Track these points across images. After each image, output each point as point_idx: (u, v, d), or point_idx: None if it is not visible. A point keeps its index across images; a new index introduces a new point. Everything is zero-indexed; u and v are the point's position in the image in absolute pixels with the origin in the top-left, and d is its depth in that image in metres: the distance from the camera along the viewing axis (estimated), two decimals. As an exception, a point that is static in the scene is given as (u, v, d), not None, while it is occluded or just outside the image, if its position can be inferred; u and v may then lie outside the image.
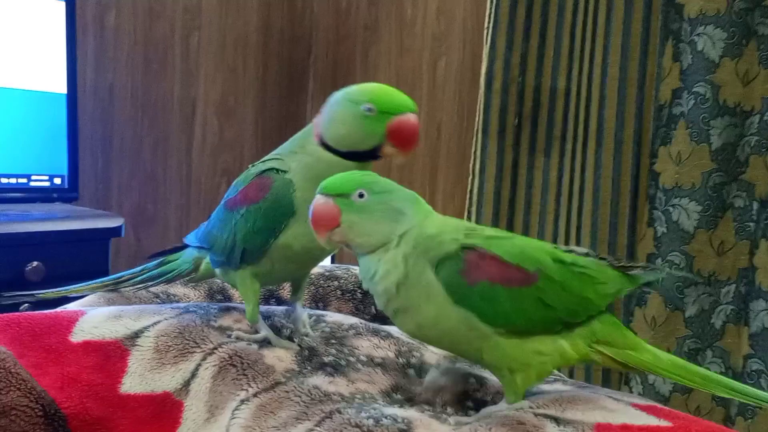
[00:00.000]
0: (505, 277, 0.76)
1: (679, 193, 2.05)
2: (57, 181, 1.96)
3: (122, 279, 1.05)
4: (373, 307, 1.19)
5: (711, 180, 2.03)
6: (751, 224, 1.99)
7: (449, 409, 0.81)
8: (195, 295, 1.07)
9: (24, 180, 1.90)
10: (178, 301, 1.04)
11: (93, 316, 0.87)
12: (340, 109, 0.87)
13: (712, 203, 2.03)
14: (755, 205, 1.99)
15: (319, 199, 0.80)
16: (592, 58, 2.21)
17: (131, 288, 1.04)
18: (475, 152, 2.36)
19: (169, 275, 1.03)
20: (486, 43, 2.32)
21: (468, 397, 0.83)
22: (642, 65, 2.16)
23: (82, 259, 1.76)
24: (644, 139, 2.18)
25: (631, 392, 2.11)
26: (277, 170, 0.90)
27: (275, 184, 0.89)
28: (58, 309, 0.93)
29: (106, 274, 1.37)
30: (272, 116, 2.69)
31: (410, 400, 0.82)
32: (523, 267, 0.77)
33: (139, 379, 0.81)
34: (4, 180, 1.86)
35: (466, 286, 0.75)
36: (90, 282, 1.06)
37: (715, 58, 2.00)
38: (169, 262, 1.04)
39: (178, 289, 1.07)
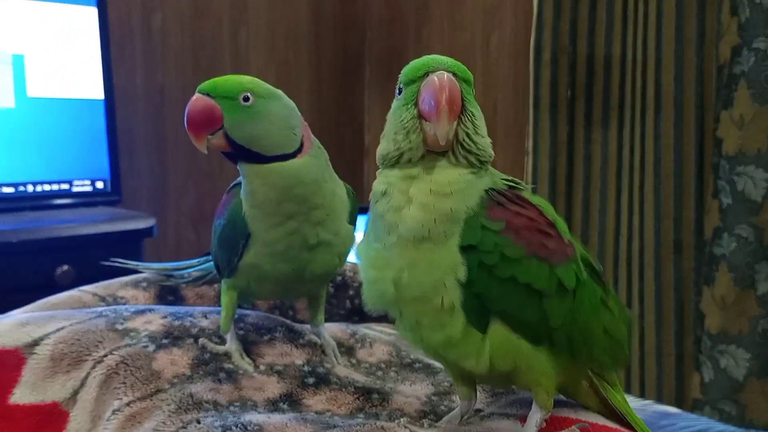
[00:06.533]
0: None
1: (743, 159, 1.86)
2: (99, 185, 2.01)
3: (179, 268, 1.08)
4: (347, 301, 1.14)
5: (778, 143, 1.83)
6: (827, 190, 1.79)
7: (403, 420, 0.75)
8: (144, 297, 1.04)
9: (66, 186, 1.95)
10: (124, 304, 1.03)
11: (2, 323, 0.87)
12: None
13: (781, 169, 1.83)
14: (830, 169, 1.78)
15: (448, 77, 0.63)
16: (646, 20, 2.05)
17: (180, 281, 1.06)
18: (529, 129, 2.24)
19: (207, 277, 1.02)
20: (534, 12, 2.19)
21: (361, 412, 0.77)
22: (700, 23, 1.98)
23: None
24: (707, 104, 2.00)
25: (702, 378, 1.94)
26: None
27: (233, 202, 0.85)
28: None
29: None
30: (329, 106, 2.66)
31: (298, 407, 0.76)
32: None
33: (30, 388, 0.80)
34: (47, 186, 1.92)
35: None
36: (153, 264, 1.11)
37: (776, 8, 1.80)
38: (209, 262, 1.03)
39: (127, 291, 1.05)
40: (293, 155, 0.81)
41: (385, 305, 0.69)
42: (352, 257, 1.20)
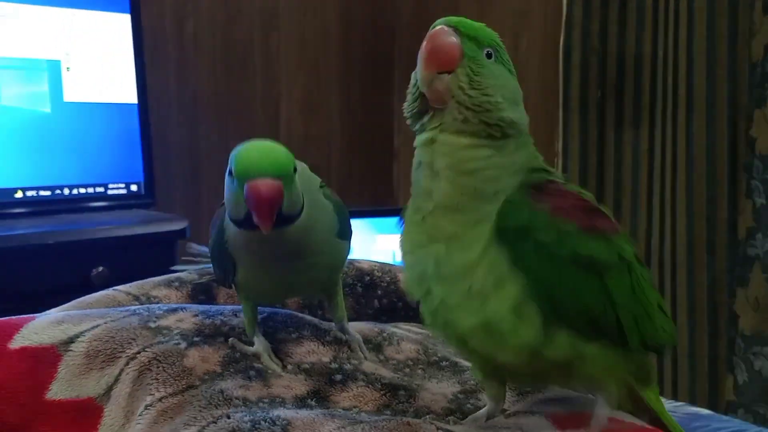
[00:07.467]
0: None
1: (777, 159, 1.84)
2: (134, 188, 2.04)
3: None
4: (376, 300, 1.15)
5: (813, 142, 1.81)
6: None
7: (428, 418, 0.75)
8: (176, 296, 1.06)
9: (101, 189, 1.99)
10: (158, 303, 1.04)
11: (39, 321, 0.89)
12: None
13: (816, 168, 1.82)
14: None
15: (441, 29, 0.64)
16: (677, 18, 2.03)
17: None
18: (559, 130, 2.24)
19: None
20: (563, 13, 2.19)
21: (388, 408, 0.78)
22: (732, 21, 1.96)
23: (148, 263, 1.81)
24: (739, 103, 1.98)
25: (736, 380, 1.92)
26: None
27: (218, 227, 0.84)
28: (15, 317, 0.95)
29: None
30: (358, 109, 2.68)
31: (326, 404, 0.78)
32: None
33: (66, 384, 0.81)
34: (83, 190, 1.96)
35: None
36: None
37: (809, 5, 1.78)
38: None
39: (160, 290, 1.07)
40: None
41: (423, 285, 0.67)
42: (374, 257, 1.21)
